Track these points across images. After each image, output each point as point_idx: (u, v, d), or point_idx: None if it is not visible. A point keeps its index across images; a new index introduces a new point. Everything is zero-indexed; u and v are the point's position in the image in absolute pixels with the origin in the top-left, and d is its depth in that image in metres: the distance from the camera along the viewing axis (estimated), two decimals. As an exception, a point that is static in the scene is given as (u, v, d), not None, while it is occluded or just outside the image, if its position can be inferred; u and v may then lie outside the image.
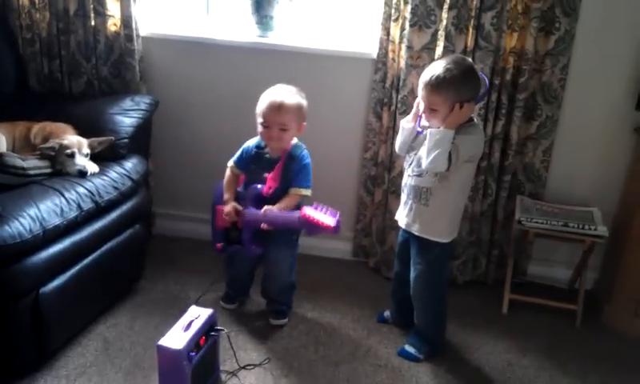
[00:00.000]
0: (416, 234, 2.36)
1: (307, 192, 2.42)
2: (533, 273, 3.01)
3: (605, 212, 2.76)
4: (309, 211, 2.21)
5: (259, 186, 2.39)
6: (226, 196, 2.46)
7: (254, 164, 2.47)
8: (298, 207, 2.32)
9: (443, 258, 2.43)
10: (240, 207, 2.39)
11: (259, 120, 2.37)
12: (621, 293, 2.72)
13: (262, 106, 2.36)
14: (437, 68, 2.18)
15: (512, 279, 2.81)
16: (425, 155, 2.20)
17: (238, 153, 2.51)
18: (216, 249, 2.53)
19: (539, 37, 2.64)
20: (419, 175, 2.30)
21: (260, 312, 2.67)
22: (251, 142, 2.50)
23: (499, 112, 2.72)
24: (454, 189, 2.29)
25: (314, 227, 2.21)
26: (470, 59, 2.40)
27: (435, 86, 2.16)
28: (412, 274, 2.41)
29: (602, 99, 2.78)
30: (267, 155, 2.44)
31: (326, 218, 2.19)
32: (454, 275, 2.96)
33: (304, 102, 2.41)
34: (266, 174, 2.41)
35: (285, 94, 2.37)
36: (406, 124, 2.36)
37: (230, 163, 2.51)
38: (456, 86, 2.15)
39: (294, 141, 2.45)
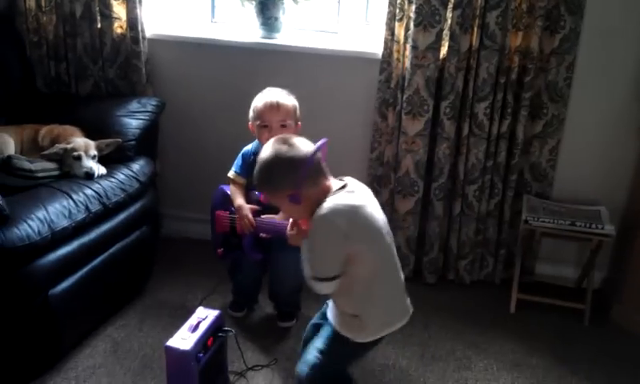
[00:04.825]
0: (332, 324, 1.94)
1: None
2: (540, 272, 3.00)
3: (612, 211, 2.75)
4: None
5: (257, 192, 2.39)
6: (238, 202, 2.40)
7: (253, 170, 2.44)
8: None
9: (350, 356, 1.99)
10: (257, 207, 2.36)
11: (257, 122, 2.37)
12: (629, 292, 2.71)
13: (258, 108, 2.37)
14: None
15: (519, 279, 2.80)
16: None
17: (239, 161, 2.49)
18: (217, 254, 2.54)
19: (544, 35, 2.63)
20: None
21: (268, 313, 2.68)
22: (249, 147, 2.49)
23: (505, 111, 2.71)
24: (356, 290, 1.81)
25: None
26: (280, 146, 1.83)
27: (257, 186, 1.92)
28: (306, 356, 1.93)
29: (608, 97, 2.77)
30: None
31: None
32: (461, 275, 2.96)
33: (297, 103, 2.42)
34: None
35: (278, 94, 2.39)
36: None
37: (232, 174, 2.48)
38: (268, 185, 1.86)
39: None
